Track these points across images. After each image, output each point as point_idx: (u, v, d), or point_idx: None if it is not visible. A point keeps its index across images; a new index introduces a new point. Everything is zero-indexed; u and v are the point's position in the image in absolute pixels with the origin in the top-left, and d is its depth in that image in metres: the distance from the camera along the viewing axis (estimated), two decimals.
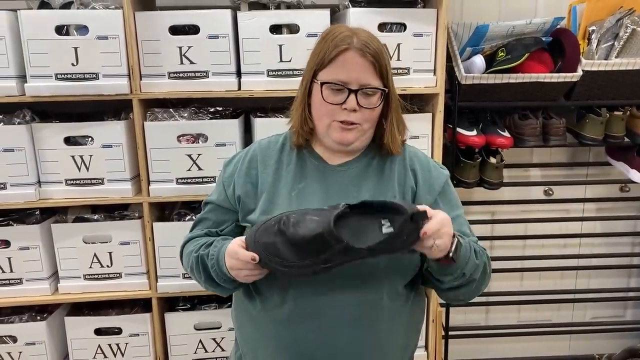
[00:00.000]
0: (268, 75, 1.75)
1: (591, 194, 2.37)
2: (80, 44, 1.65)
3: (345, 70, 1.03)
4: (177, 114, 1.79)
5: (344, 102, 1.04)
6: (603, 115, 1.92)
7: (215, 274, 1.07)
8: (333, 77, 1.04)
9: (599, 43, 1.85)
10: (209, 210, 1.21)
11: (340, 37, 1.05)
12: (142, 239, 1.83)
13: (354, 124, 1.07)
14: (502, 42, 1.87)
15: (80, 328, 1.89)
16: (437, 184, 1.15)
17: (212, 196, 1.22)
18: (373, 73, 1.04)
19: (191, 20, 1.71)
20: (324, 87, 1.05)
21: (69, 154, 1.74)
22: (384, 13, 1.75)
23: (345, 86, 1.04)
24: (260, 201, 1.12)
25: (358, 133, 1.09)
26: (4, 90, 1.67)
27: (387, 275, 1.07)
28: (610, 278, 2.46)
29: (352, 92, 1.04)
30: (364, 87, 1.04)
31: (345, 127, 1.07)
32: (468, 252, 1.02)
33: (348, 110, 1.05)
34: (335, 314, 1.06)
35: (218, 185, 1.22)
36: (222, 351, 1.95)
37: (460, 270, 1.02)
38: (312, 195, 1.11)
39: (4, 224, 1.83)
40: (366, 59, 1.03)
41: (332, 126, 1.08)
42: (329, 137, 1.10)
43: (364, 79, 1.04)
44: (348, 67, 1.03)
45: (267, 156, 1.17)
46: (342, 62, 1.03)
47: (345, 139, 1.08)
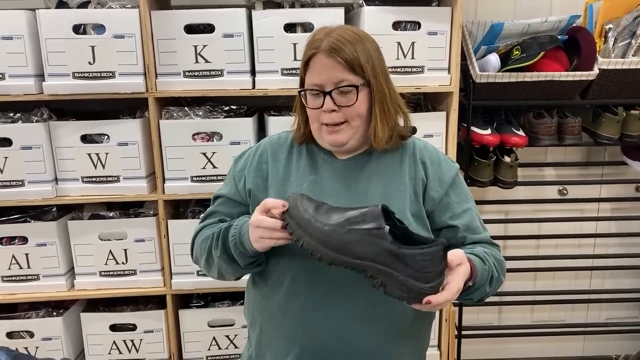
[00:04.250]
0: (282, 73, 1.76)
1: (606, 193, 2.35)
2: (97, 42, 1.67)
3: (317, 74, 1.06)
4: (192, 112, 1.80)
5: (322, 105, 1.06)
6: (619, 114, 1.90)
7: (234, 245, 1.06)
8: (309, 82, 1.08)
9: (615, 41, 1.83)
10: (219, 203, 1.22)
11: (312, 41, 1.08)
12: (157, 236, 1.84)
13: (339, 124, 1.07)
14: (517, 41, 1.86)
15: (96, 324, 1.91)
16: (447, 176, 1.15)
17: (222, 190, 1.22)
18: (344, 70, 1.04)
19: (206, 19, 1.72)
20: (305, 94, 1.09)
21: (86, 151, 1.76)
22: (399, 11, 1.75)
23: (320, 89, 1.06)
24: (272, 196, 1.13)
25: (349, 131, 1.09)
26: (22, 89, 1.69)
27: None
28: (626, 279, 2.44)
29: (326, 94, 1.05)
30: (337, 85, 1.05)
31: (332, 130, 1.08)
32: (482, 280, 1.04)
33: (327, 112, 1.06)
34: (348, 308, 1.06)
35: (229, 179, 1.23)
36: (236, 348, 1.96)
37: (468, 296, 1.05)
38: (322, 188, 1.12)
39: (22, 221, 1.85)
40: (333, 59, 1.04)
41: (322, 129, 1.10)
42: (323, 140, 1.12)
43: (335, 78, 1.04)
44: (318, 70, 1.06)
45: (278, 151, 1.18)
46: (314, 66, 1.06)
47: (337, 140, 1.09)
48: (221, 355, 1.96)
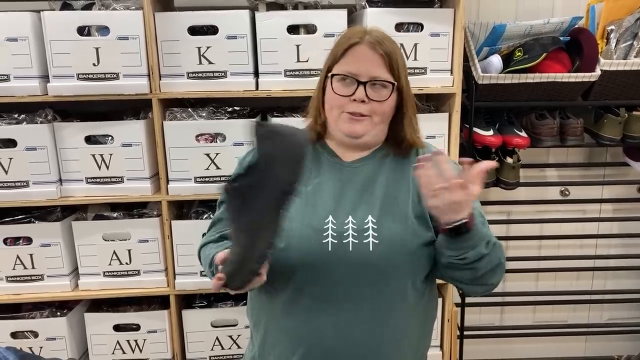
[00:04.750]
0: (285, 75, 1.76)
1: (608, 194, 2.36)
2: (101, 44, 1.67)
3: (355, 63, 1.07)
4: (195, 113, 1.81)
5: (353, 93, 1.07)
6: (621, 115, 1.91)
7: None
8: (344, 69, 1.08)
9: (617, 42, 1.84)
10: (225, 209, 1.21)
11: (352, 32, 1.10)
12: (160, 236, 1.85)
13: (363, 116, 1.09)
14: (519, 42, 1.87)
15: (100, 324, 1.92)
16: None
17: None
18: (383, 66, 1.07)
19: (210, 20, 1.73)
20: (334, 79, 1.09)
21: (90, 152, 1.77)
22: (401, 13, 1.75)
23: (355, 78, 1.07)
24: None
25: (367, 125, 1.10)
26: (27, 90, 1.70)
27: (405, 270, 1.08)
28: (627, 279, 2.44)
29: (361, 84, 1.06)
30: (373, 79, 1.06)
31: (353, 118, 1.09)
32: (477, 239, 1.01)
33: (357, 102, 1.07)
34: (353, 309, 1.07)
35: None
36: (239, 348, 1.97)
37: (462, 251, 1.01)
38: (326, 190, 1.13)
39: (26, 221, 1.86)
40: (376, 52, 1.06)
41: (342, 117, 1.10)
42: (338, 129, 1.12)
43: (373, 72, 1.06)
44: (358, 59, 1.07)
45: None
46: (352, 55, 1.07)
47: (354, 130, 1.10)
48: (224, 356, 1.97)
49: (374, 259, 1.05)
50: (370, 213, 1.09)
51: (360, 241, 1.06)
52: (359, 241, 1.06)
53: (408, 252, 1.06)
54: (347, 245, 1.06)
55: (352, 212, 1.09)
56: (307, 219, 1.09)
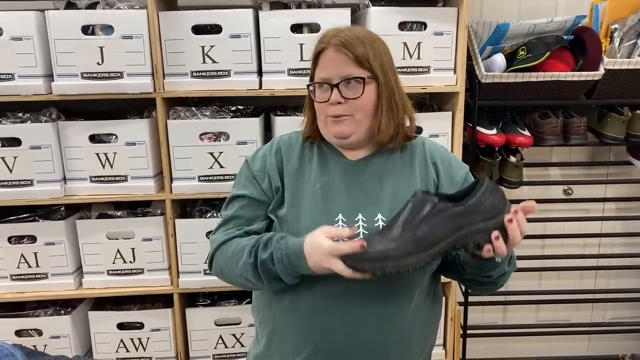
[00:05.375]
0: (289, 74, 1.77)
1: (611, 193, 2.36)
2: (105, 43, 1.68)
3: (325, 68, 1.10)
4: (199, 112, 1.82)
5: (329, 97, 1.09)
6: (625, 114, 1.91)
7: (282, 269, 1.03)
8: (318, 76, 1.11)
9: (621, 41, 1.84)
10: (242, 206, 1.17)
11: (322, 39, 1.12)
12: (164, 235, 1.86)
13: (343, 116, 1.09)
14: (523, 41, 1.87)
15: (104, 322, 1.93)
16: (458, 175, 1.16)
17: (242, 190, 1.18)
18: (351, 64, 1.07)
19: (214, 19, 1.73)
20: (313, 88, 1.13)
21: (94, 151, 1.78)
22: (405, 12, 1.76)
23: (327, 82, 1.09)
24: (286, 195, 1.14)
25: (351, 125, 1.10)
26: (31, 89, 1.71)
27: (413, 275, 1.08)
28: (631, 278, 2.44)
29: (333, 87, 1.08)
30: (344, 78, 1.07)
31: (336, 120, 1.10)
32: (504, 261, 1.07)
33: (334, 104, 1.08)
34: (362, 309, 1.07)
35: (246, 180, 1.19)
36: (242, 347, 1.97)
37: (489, 272, 1.07)
38: (334, 189, 1.13)
39: (31, 220, 1.87)
40: (342, 53, 1.07)
41: (327, 122, 1.12)
42: (328, 133, 1.13)
43: (342, 72, 1.07)
44: (326, 64, 1.09)
45: (290, 151, 1.19)
46: (322, 61, 1.10)
47: (340, 131, 1.10)
48: (228, 354, 1.97)
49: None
50: (380, 211, 1.09)
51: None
52: None
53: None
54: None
55: (361, 211, 1.10)
56: (317, 218, 1.09)
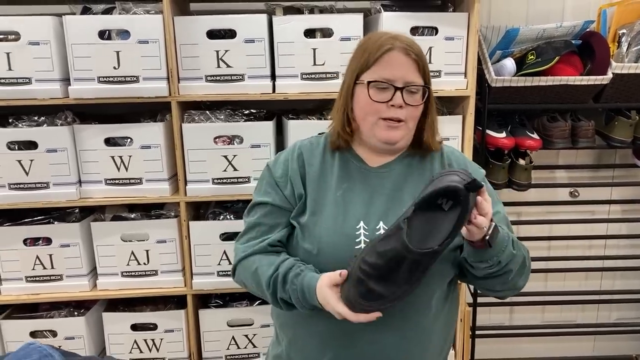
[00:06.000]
0: (302, 78, 1.79)
1: (617, 195, 2.39)
2: (122, 48, 1.70)
3: (390, 69, 1.07)
4: (213, 116, 1.84)
5: (391, 99, 1.07)
6: (632, 118, 1.94)
7: (300, 305, 1.07)
8: (379, 75, 1.08)
9: (629, 46, 1.87)
10: (264, 214, 1.17)
11: (383, 39, 1.09)
12: (178, 237, 1.88)
13: (401, 121, 1.09)
14: (532, 45, 1.89)
15: (117, 324, 1.95)
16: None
17: (265, 197, 1.17)
18: (416, 71, 1.08)
19: (228, 24, 1.75)
20: (370, 86, 1.08)
21: (109, 154, 1.80)
22: (416, 17, 1.78)
23: (391, 84, 1.07)
24: (308, 201, 1.15)
25: (404, 131, 1.11)
26: (48, 93, 1.72)
27: (433, 275, 1.10)
28: (636, 279, 2.47)
29: (398, 89, 1.07)
30: (408, 84, 1.07)
31: (391, 125, 1.09)
32: (505, 240, 1.03)
33: (395, 107, 1.07)
34: (383, 316, 1.07)
35: (268, 186, 1.19)
36: (254, 347, 1.99)
37: (496, 257, 1.02)
38: (355, 196, 1.14)
39: (45, 222, 1.89)
40: (410, 58, 1.07)
41: (378, 124, 1.10)
42: (374, 137, 1.11)
43: (408, 77, 1.07)
44: (393, 65, 1.07)
45: (312, 157, 1.19)
46: (387, 61, 1.07)
47: (392, 137, 1.10)
48: (240, 355, 2.00)
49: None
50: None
51: None
52: None
53: (444, 257, 1.07)
54: None
55: (382, 218, 1.11)
56: (339, 225, 1.10)
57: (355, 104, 1.13)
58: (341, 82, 1.18)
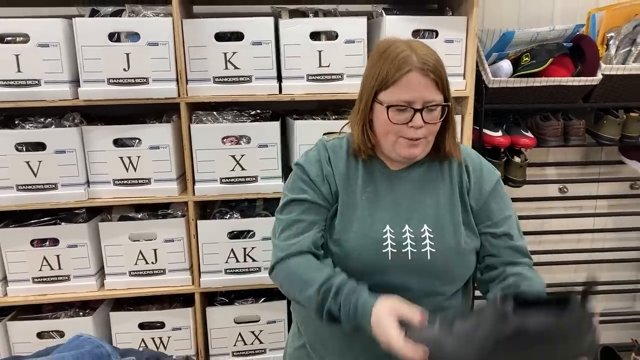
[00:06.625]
0: (308, 79, 1.84)
1: (603, 191, 2.49)
2: (131, 50, 1.72)
3: (409, 91, 1.06)
4: (220, 116, 1.87)
5: (410, 120, 1.07)
6: (620, 117, 2.04)
7: (347, 320, 1.03)
8: (397, 98, 1.07)
9: (617, 49, 1.96)
10: (302, 210, 1.15)
11: (401, 57, 1.06)
12: (186, 236, 1.91)
13: (420, 139, 1.10)
14: (526, 48, 1.98)
15: (125, 323, 1.97)
16: (487, 184, 1.19)
17: (301, 194, 1.16)
18: (435, 89, 1.07)
19: (235, 27, 1.79)
20: (389, 110, 1.08)
21: (118, 155, 1.82)
22: (417, 21, 1.85)
23: (410, 106, 1.07)
24: (340, 203, 1.15)
25: (424, 146, 1.12)
26: (57, 95, 1.74)
27: (455, 275, 1.15)
28: (621, 271, 2.58)
29: (417, 111, 1.07)
30: (427, 104, 1.07)
31: (412, 144, 1.10)
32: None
33: (415, 128, 1.08)
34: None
35: (304, 184, 1.17)
36: (261, 343, 2.03)
37: None
38: (380, 200, 1.15)
39: (52, 223, 1.89)
40: (428, 78, 1.06)
41: (399, 142, 1.11)
42: (395, 152, 1.13)
43: (427, 97, 1.07)
44: (412, 87, 1.06)
45: (338, 159, 1.19)
46: (406, 83, 1.06)
47: (413, 154, 1.11)
48: (247, 351, 2.04)
49: (431, 267, 1.10)
50: (426, 222, 1.13)
51: (418, 250, 1.11)
52: (417, 250, 1.11)
53: (461, 259, 1.13)
54: (406, 255, 1.11)
55: (407, 221, 1.13)
56: (366, 229, 1.12)
57: (374, 120, 1.13)
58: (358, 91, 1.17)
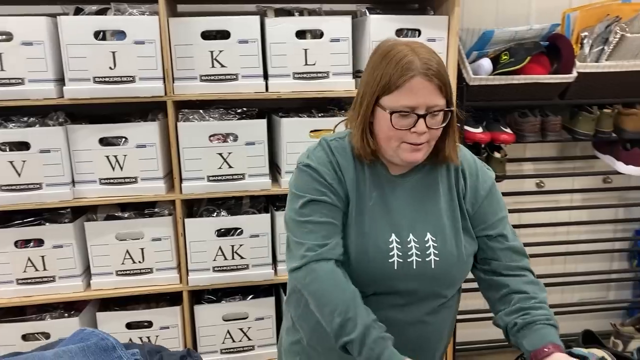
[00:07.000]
0: (294, 77, 1.86)
1: (578, 185, 2.58)
2: (118, 48, 1.72)
3: (412, 97, 1.04)
4: (207, 114, 1.88)
5: (413, 125, 1.06)
6: (594, 113, 2.12)
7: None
8: (400, 104, 1.05)
9: (591, 47, 2.04)
10: (326, 213, 1.11)
11: (404, 62, 1.04)
12: (173, 234, 1.91)
13: (423, 143, 1.09)
14: (505, 46, 2.04)
15: (112, 323, 1.95)
16: (483, 189, 1.19)
17: (321, 196, 1.11)
18: (439, 94, 1.05)
19: (222, 26, 1.80)
20: (393, 116, 1.06)
21: (104, 154, 1.81)
22: (401, 20, 1.89)
23: (413, 111, 1.05)
24: (350, 207, 1.13)
25: (426, 150, 1.11)
26: (42, 93, 1.72)
27: (456, 279, 1.17)
28: (596, 262, 2.68)
29: (420, 117, 1.05)
30: (430, 109, 1.05)
31: (415, 148, 1.09)
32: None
33: (418, 134, 1.06)
34: (407, 312, 1.14)
35: (322, 186, 1.12)
36: (249, 340, 2.05)
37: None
38: (385, 206, 1.14)
39: (36, 224, 1.87)
40: (432, 83, 1.04)
41: (401, 147, 1.09)
42: (397, 157, 1.11)
43: (430, 102, 1.05)
44: (415, 93, 1.04)
45: (347, 163, 1.15)
46: (409, 89, 1.04)
47: (415, 158, 1.10)
48: (235, 348, 2.04)
49: (434, 274, 1.12)
50: (429, 230, 1.13)
51: (423, 259, 1.12)
52: (421, 259, 1.12)
53: (461, 264, 1.15)
54: (411, 264, 1.11)
55: (411, 229, 1.13)
56: (373, 238, 1.11)
57: (376, 124, 1.11)
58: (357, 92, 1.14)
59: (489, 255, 1.19)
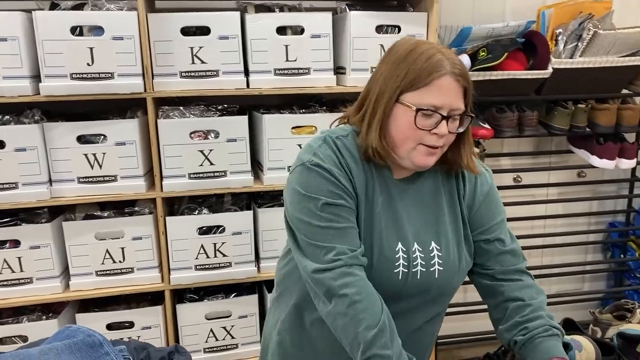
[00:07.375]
0: (275, 73, 1.86)
1: (554, 179, 2.64)
2: (95, 44, 1.69)
3: (439, 96, 1.00)
4: (187, 111, 1.86)
5: (435, 127, 1.01)
6: (569, 108, 2.17)
7: None
8: (426, 101, 1.00)
9: (565, 44, 2.09)
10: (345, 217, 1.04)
11: (435, 59, 1.00)
12: (154, 233, 1.88)
13: (438, 148, 1.05)
14: (482, 43, 2.07)
15: (92, 324, 1.91)
16: (480, 193, 1.16)
17: (339, 199, 1.04)
18: (461, 98, 1.03)
19: (202, 22, 1.78)
20: (418, 113, 1.01)
21: (82, 152, 1.78)
22: (381, 16, 1.90)
23: (437, 111, 1.01)
24: (359, 210, 1.08)
25: (439, 155, 1.07)
26: (17, 90, 1.68)
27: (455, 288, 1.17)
28: (572, 255, 2.74)
29: (444, 118, 1.01)
30: (453, 111, 1.02)
31: (431, 152, 1.04)
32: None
33: (438, 136, 1.02)
34: (405, 319, 1.13)
35: (337, 188, 1.04)
36: (232, 338, 2.04)
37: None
38: (391, 212, 1.10)
39: (12, 224, 1.83)
40: (459, 84, 1.01)
41: (417, 149, 1.04)
42: (409, 159, 1.05)
43: (454, 104, 1.01)
44: (444, 92, 1.00)
45: (354, 163, 1.08)
46: (438, 87, 1.00)
47: (428, 162, 1.06)
48: (218, 346, 2.03)
49: (438, 284, 1.10)
50: (433, 239, 1.10)
51: (427, 269, 1.09)
52: (426, 270, 1.09)
53: (461, 274, 1.15)
54: (415, 274, 1.08)
55: (416, 238, 1.10)
56: (380, 247, 1.07)
57: (392, 122, 1.04)
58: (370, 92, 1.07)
59: (485, 260, 1.16)
